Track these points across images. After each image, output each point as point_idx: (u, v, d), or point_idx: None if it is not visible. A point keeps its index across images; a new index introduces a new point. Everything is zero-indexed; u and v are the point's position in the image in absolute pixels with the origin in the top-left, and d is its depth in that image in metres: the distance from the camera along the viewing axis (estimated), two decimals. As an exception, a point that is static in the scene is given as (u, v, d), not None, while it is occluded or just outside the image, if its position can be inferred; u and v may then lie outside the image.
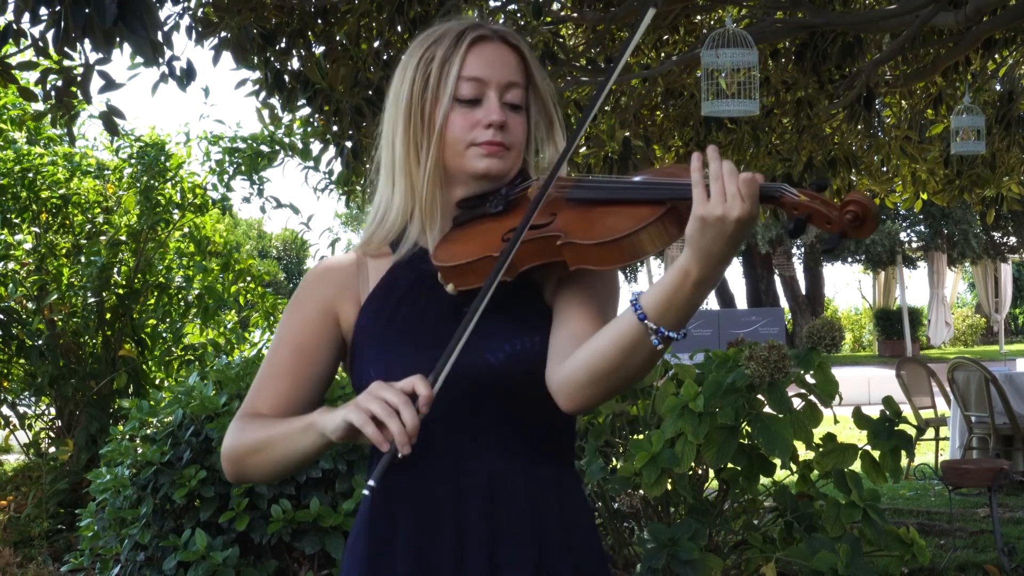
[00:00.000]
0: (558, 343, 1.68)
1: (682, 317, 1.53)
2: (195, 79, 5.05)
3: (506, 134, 1.75)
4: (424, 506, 1.71)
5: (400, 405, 1.53)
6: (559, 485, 1.75)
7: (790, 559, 3.69)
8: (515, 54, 1.79)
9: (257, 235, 30.23)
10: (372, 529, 1.74)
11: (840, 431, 4.21)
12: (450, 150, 1.75)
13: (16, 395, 7.69)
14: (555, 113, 1.83)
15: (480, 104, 1.74)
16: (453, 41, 1.75)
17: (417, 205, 1.77)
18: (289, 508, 4.48)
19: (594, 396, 1.62)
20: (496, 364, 1.69)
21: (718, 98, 5.34)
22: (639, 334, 1.54)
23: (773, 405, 3.59)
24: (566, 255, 1.62)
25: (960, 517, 7.16)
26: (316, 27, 5.83)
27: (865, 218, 1.46)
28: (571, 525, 1.74)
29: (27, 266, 7.59)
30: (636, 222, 1.56)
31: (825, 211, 1.48)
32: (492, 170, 1.75)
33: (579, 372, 1.61)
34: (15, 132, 7.85)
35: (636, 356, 1.56)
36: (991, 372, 8.31)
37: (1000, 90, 8.13)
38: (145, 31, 3.19)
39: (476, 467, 1.70)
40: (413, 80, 1.76)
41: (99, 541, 5.08)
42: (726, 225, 1.47)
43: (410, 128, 1.76)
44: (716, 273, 1.51)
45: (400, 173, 1.78)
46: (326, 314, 1.80)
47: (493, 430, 1.71)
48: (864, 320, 28.54)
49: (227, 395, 4.73)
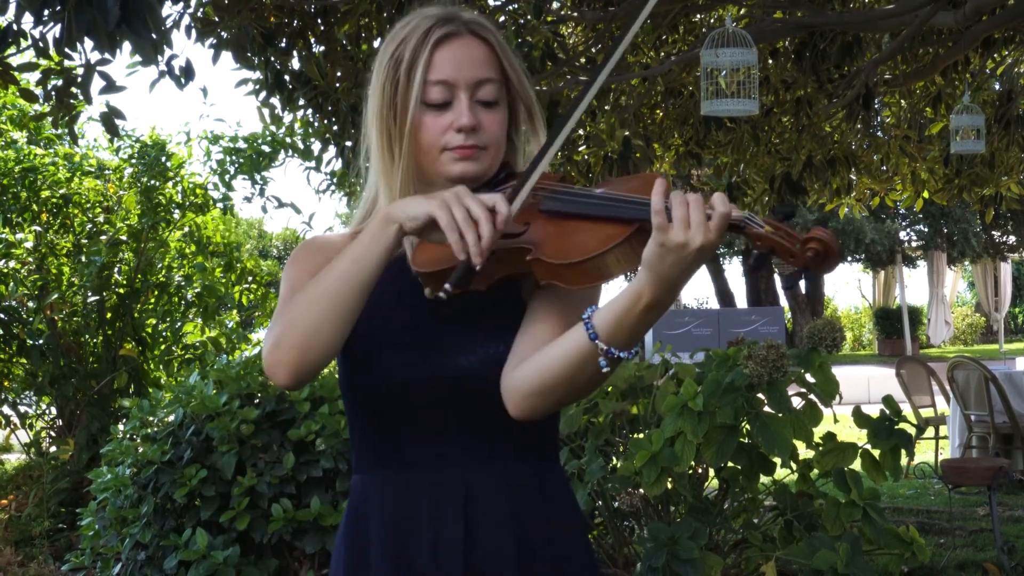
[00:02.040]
0: (519, 346, 1.66)
1: (633, 338, 1.52)
2: (193, 78, 5.05)
3: (479, 135, 1.71)
4: (401, 509, 1.70)
5: (482, 219, 1.52)
6: (541, 484, 1.74)
7: (790, 558, 3.70)
8: (485, 46, 1.73)
9: (258, 235, 30.20)
10: (352, 523, 1.75)
11: (840, 430, 4.21)
12: (424, 155, 1.72)
13: (17, 394, 7.70)
14: (533, 101, 1.79)
15: (450, 107, 1.70)
16: (419, 41, 1.70)
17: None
18: (290, 507, 4.49)
19: (540, 406, 1.62)
20: (470, 367, 1.68)
21: (717, 97, 5.34)
22: (587, 352, 1.53)
23: (773, 404, 3.59)
24: (535, 270, 1.60)
25: (960, 516, 7.17)
26: (316, 27, 5.83)
27: (827, 255, 1.45)
28: (554, 525, 1.73)
29: (28, 265, 7.59)
30: (602, 243, 1.54)
31: (788, 244, 1.46)
32: (467, 174, 1.71)
33: (526, 382, 1.60)
34: (15, 132, 7.86)
35: (584, 372, 1.55)
36: (991, 371, 8.32)
37: (999, 89, 8.13)
38: (148, 31, 3.20)
39: (452, 471, 1.70)
40: (383, 81, 1.72)
41: (100, 540, 5.09)
42: (686, 252, 1.45)
43: (383, 131, 1.72)
44: (670, 297, 1.49)
45: (379, 175, 1.75)
46: None
47: (469, 433, 1.70)
48: (864, 319, 28.55)
49: (228, 394, 4.74)
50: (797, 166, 7.47)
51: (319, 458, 4.58)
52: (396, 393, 1.70)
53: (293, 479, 4.59)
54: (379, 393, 1.71)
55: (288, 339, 1.59)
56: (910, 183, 8.60)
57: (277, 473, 4.56)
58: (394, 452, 1.72)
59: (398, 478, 1.71)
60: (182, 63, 5.06)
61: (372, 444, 1.75)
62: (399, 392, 1.70)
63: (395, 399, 1.70)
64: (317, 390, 4.73)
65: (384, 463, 1.73)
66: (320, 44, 5.92)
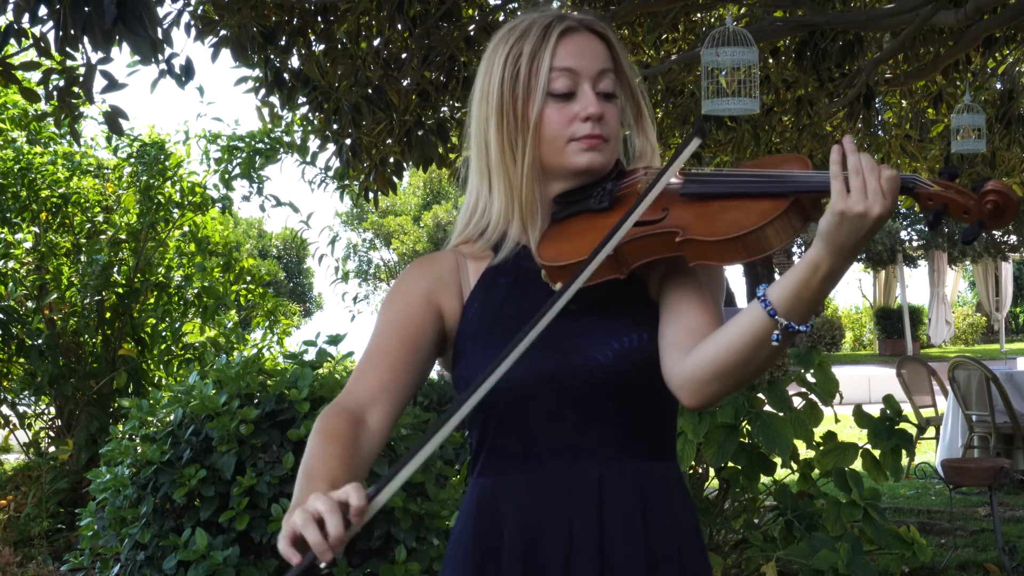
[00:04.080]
0: (675, 338, 1.66)
1: (809, 310, 1.53)
2: (194, 77, 5.04)
3: (604, 126, 1.71)
4: (532, 507, 1.68)
5: (325, 513, 1.40)
6: (666, 481, 1.74)
7: (790, 558, 3.69)
8: (602, 42, 1.75)
9: (257, 234, 30.21)
10: (479, 528, 1.71)
11: (841, 430, 4.21)
12: (548, 147, 1.71)
13: (16, 394, 7.68)
14: (642, 100, 1.80)
15: (574, 97, 1.71)
16: (540, 34, 1.71)
17: (516, 204, 1.73)
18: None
19: (719, 391, 1.61)
20: (606, 362, 1.67)
21: (718, 96, 5.34)
22: (768, 329, 1.53)
23: (773, 404, 3.59)
24: (686, 251, 1.60)
25: (960, 516, 7.16)
26: (316, 25, 5.82)
27: (1007, 207, 1.46)
28: (678, 522, 1.73)
29: (27, 265, 7.58)
30: (760, 217, 1.54)
31: (962, 200, 1.47)
32: (594, 164, 1.72)
33: (704, 368, 1.59)
34: (15, 131, 7.85)
35: (763, 350, 1.55)
36: (992, 371, 8.31)
37: (1000, 88, 8.13)
38: (144, 30, 3.18)
39: (586, 467, 1.68)
40: (502, 77, 1.72)
41: (99, 540, 5.08)
42: (866, 221, 1.47)
43: (503, 126, 1.72)
44: (846, 266, 1.51)
45: (497, 173, 1.74)
46: (429, 304, 1.75)
47: (602, 429, 1.69)
48: (864, 319, 28.50)
49: (227, 394, 4.73)
50: (797, 165, 7.45)
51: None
52: (528, 392, 1.68)
53: (293, 479, 4.58)
54: (508, 396, 1.67)
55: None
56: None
57: (277, 473, 4.55)
58: (527, 454, 1.69)
59: (532, 480, 1.68)
60: (182, 62, 5.05)
61: (501, 447, 1.72)
62: (530, 392, 1.68)
63: (525, 399, 1.68)
64: (317, 390, 4.71)
65: (515, 466, 1.69)
66: (320, 42, 5.92)
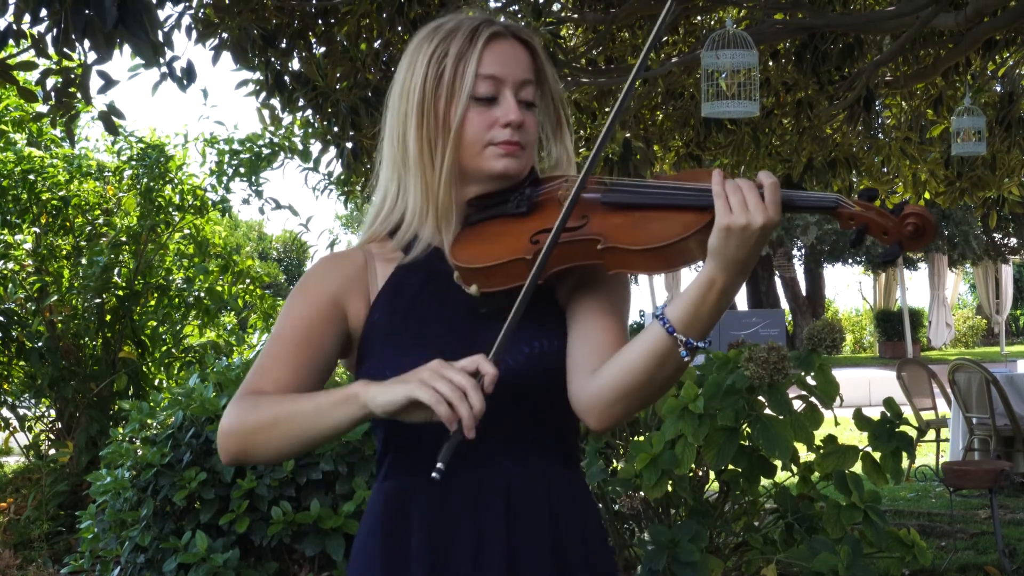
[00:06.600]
0: (581, 357, 1.66)
1: (707, 326, 1.56)
2: (195, 80, 5.04)
3: (523, 133, 1.72)
4: (441, 512, 1.68)
5: (468, 387, 1.50)
6: (575, 486, 1.75)
7: (791, 561, 3.69)
8: (527, 51, 1.75)
9: (257, 237, 30.23)
10: (386, 529, 1.71)
11: (841, 432, 4.20)
12: (467, 150, 1.71)
13: (16, 397, 7.68)
14: (563, 111, 1.81)
15: (496, 102, 1.71)
16: (468, 37, 1.71)
17: (432, 205, 1.72)
18: (290, 510, 4.47)
19: (624, 412, 1.63)
20: (516, 366, 1.66)
21: (718, 99, 5.34)
22: (668, 347, 1.56)
23: (773, 407, 3.58)
24: (607, 259, 1.61)
25: (961, 518, 7.16)
26: (317, 28, 5.83)
27: (926, 230, 1.51)
28: (586, 525, 1.73)
29: (27, 267, 7.59)
30: (683, 228, 1.56)
31: (882, 221, 1.52)
32: (510, 170, 1.72)
33: (608, 390, 1.61)
34: (16, 133, 7.85)
35: (665, 368, 1.57)
36: (992, 373, 8.31)
37: (1000, 91, 8.12)
38: (145, 33, 3.18)
39: (494, 471, 1.68)
40: (425, 76, 1.71)
41: (99, 543, 5.08)
42: (750, 232, 1.51)
43: (423, 126, 1.71)
44: (740, 280, 1.54)
45: (414, 173, 1.73)
46: (334, 304, 1.75)
47: (511, 433, 1.69)
48: (865, 321, 28.52)
49: (227, 397, 4.73)
50: (798, 168, 7.46)
51: (319, 461, 4.57)
52: None
53: (293, 482, 4.58)
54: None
55: (239, 438, 1.67)
56: (911, 185, 8.59)
57: (277, 476, 4.55)
58: (434, 457, 1.65)
59: (440, 485, 1.64)
60: (183, 64, 5.05)
61: (408, 451, 1.71)
62: None
63: None
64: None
65: (421, 471, 1.66)
66: (320, 45, 5.93)
